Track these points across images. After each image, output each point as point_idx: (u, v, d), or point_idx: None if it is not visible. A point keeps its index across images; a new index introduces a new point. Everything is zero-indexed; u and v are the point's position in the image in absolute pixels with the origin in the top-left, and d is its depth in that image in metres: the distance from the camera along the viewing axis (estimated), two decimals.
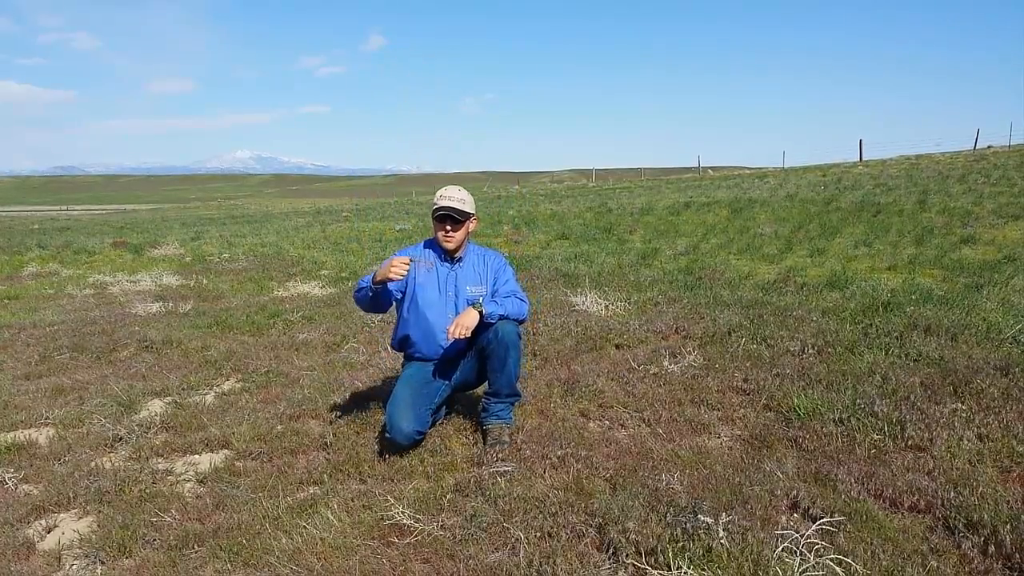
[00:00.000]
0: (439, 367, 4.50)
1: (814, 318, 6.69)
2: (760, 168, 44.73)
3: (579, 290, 8.55)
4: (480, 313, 4.12)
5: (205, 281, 11.75)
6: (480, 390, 4.73)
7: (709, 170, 49.88)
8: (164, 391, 5.72)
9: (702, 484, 3.62)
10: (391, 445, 4.19)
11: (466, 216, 4.37)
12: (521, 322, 4.35)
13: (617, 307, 7.78)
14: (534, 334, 6.76)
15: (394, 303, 4.48)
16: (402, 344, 4.60)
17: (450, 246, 4.39)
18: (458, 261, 4.48)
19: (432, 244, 4.54)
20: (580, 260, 11.55)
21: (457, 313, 4.41)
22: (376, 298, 4.27)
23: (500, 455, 4.08)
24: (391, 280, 4.10)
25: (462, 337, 4.06)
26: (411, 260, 4.17)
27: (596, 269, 10.62)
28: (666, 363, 5.63)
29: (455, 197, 4.37)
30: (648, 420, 4.57)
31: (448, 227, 4.36)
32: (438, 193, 4.41)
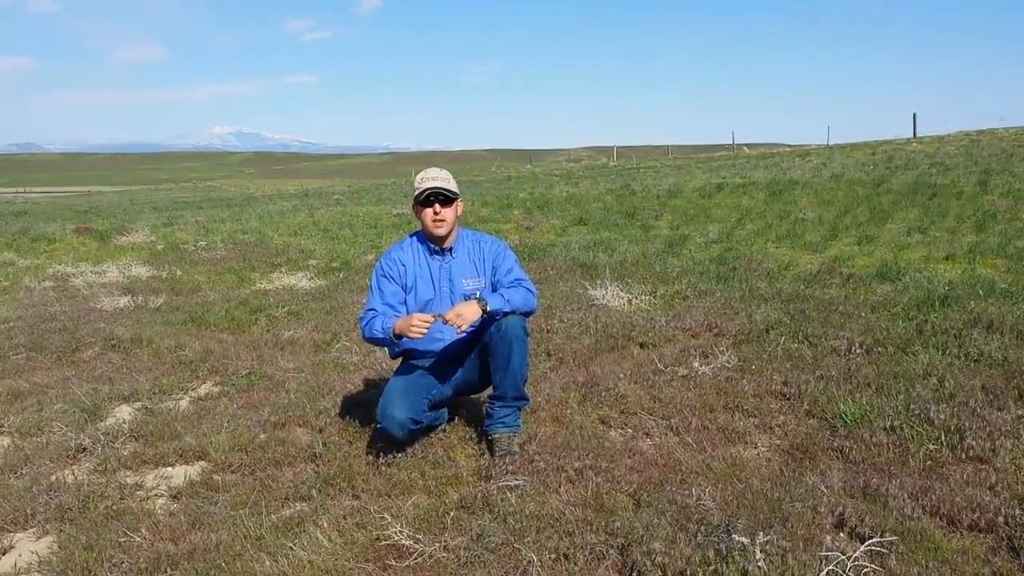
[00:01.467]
0: (438, 365, 4.53)
1: (862, 314, 6.67)
2: (802, 145, 44.54)
3: (599, 282, 8.54)
4: (484, 310, 4.13)
5: (179, 272, 11.79)
6: (486, 394, 4.73)
7: (744, 148, 49.72)
8: (133, 396, 5.74)
9: (737, 500, 3.62)
10: (383, 438, 4.22)
11: (454, 196, 4.42)
12: (529, 314, 4.36)
13: (641, 301, 7.77)
14: (548, 331, 6.76)
15: None
16: (402, 354, 4.64)
17: (441, 230, 4.42)
18: (449, 251, 4.51)
19: (419, 237, 4.57)
20: (600, 248, 11.54)
21: None
22: (392, 347, 4.51)
23: (510, 467, 4.08)
24: (410, 339, 4.20)
25: (460, 329, 4.13)
26: (435, 318, 4.20)
27: (618, 259, 10.61)
28: (696, 364, 5.61)
29: (439, 177, 4.42)
30: (676, 428, 4.57)
31: (438, 207, 4.38)
32: (418, 177, 4.46)
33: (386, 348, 4.99)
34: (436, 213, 4.39)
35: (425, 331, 4.12)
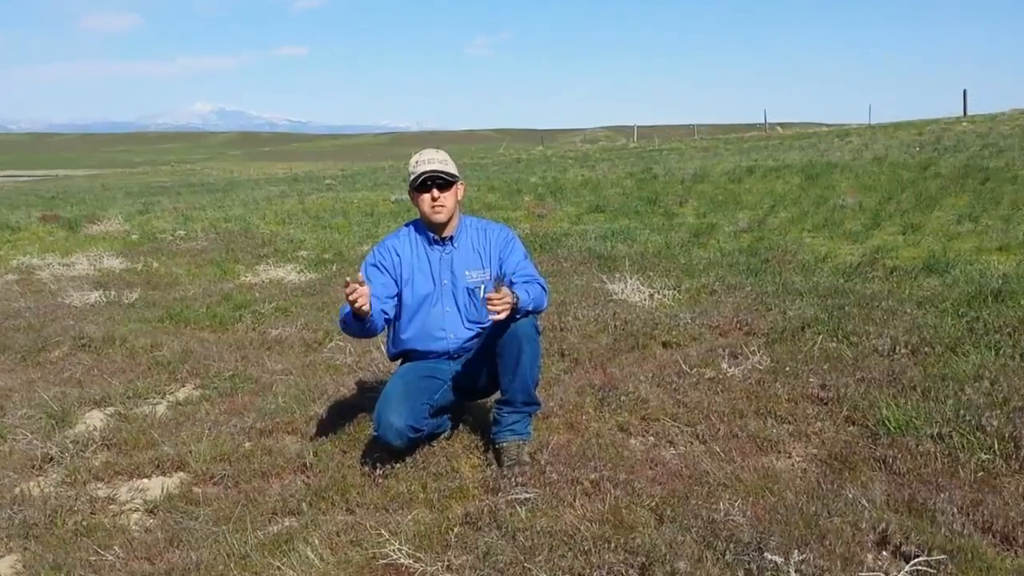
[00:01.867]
0: (441, 367, 4.53)
1: (907, 310, 6.65)
2: (841, 125, 44.41)
3: (617, 275, 8.52)
4: (513, 304, 3.98)
5: (155, 264, 11.80)
6: (493, 399, 4.73)
7: (778, 127, 49.60)
8: (105, 400, 5.75)
9: (769, 515, 3.61)
10: (380, 447, 4.22)
11: (454, 179, 4.40)
12: (541, 311, 4.37)
13: (664, 296, 7.77)
14: (562, 329, 6.76)
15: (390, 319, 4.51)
16: (400, 354, 4.64)
17: (441, 217, 4.40)
18: (450, 240, 4.50)
19: (417, 226, 4.56)
20: (619, 238, 11.52)
21: (456, 304, 4.46)
22: (362, 323, 4.20)
23: (520, 479, 4.07)
24: (356, 306, 3.98)
25: (499, 314, 3.91)
26: (360, 277, 4.02)
27: (638, 249, 10.60)
28: (724, 365, 5.61)
29: (436, 159, 4.39)
30: (702, 436, 4.56)
31: (436, 192, 4.36)
32: (413, 160, 4.44)
33: (383, 347, 4.98)
34: (434, 199, 4.37)
35: (357, 295, 3.91)
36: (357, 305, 3.97)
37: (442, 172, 4.35)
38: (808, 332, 6.23)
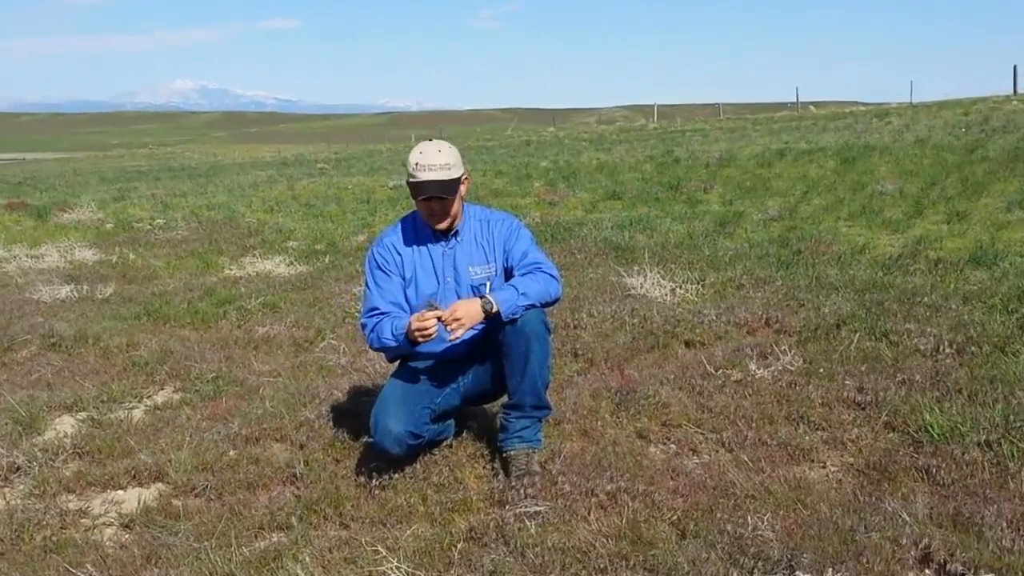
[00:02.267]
0: (444, 368, 4.52)
1: (952, 306, 6.64)
2: (880, 104, 44.36)
3: (636, 268, 8.54)
4: (488, 313, 4.08)
5: (132, 256, 11.84)
6: (500, 403, 4.72)
7: (811, 107, 49.57)
8: (77, 404, 5.77)
9: (801, 530, 3.61)
10: (377, 455, 4.24)
11: (456, 183, 4.33)
12: (550, 305, 4.35)
13: (687, 291, 7.77)
14: (575, 327, 6.76)
15: None
16: (400, 355, 4.64)
17: (443, 225, 4.40)
18: (454, 235, 4.48)
19: (416, 218, 4.53)
20: (637, 228, 11.53)
21: None
22: (408, 350, 4.39)
23: (529, 490, 4.08)
24: (427, 334, 4.10)
25: (454, 336, 4.07)
26: (431, 306, 4.16)
27: (659, 240, 10.60)
28: (753, 366, 5.61)
29: (436, 164, 4.26)
30: (728, 443, 4.56)
31: (435, 208, 4.33)
32: (411, 159, 4.31)
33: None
34: (433, 213, 4.34)
35: (433, 328, 4.07)
36: (423, 336, 4.08)
37: (440, 184, 4.25)
38: (844, 330, 6.23)
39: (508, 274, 4.41)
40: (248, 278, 10.05)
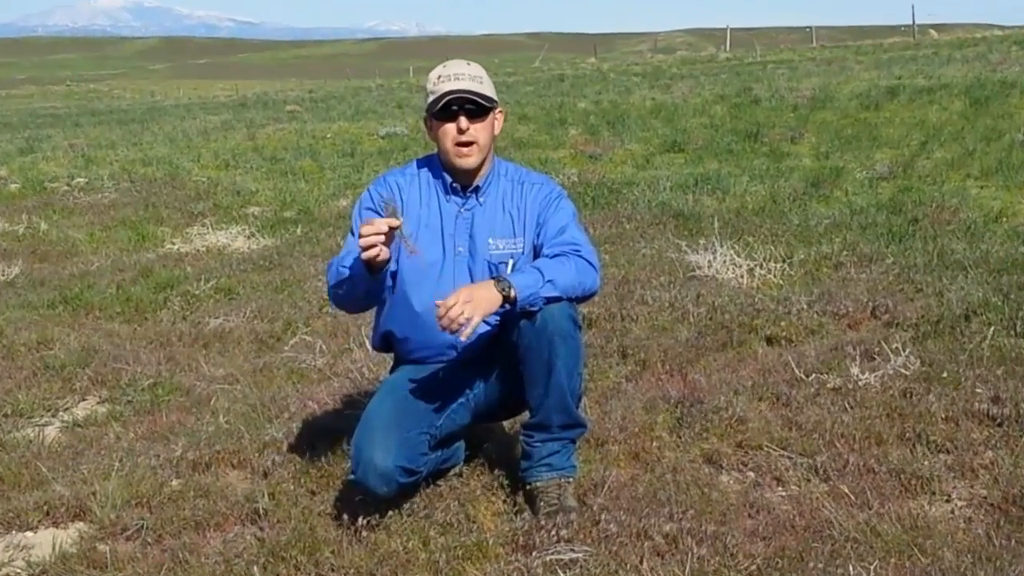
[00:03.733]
0: (448, 375, 4.48)
1: None
2: (1021, 27, 44.05)
3: (702, 242, 8.53)
4: (507, 298, 3.95)
5: (44, 226, 11.89)
6: (523, 418, 4.71)
7: (931, 31, 49.28)
8: None
9: None
10: (361, 494, 4.21)
11: (492, 104, 4.32)
12: (585, 299, 4.31)
13: (769, 272, 7.75)
14: (622, 318, 6.76)
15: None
16: (386, 340, 4.61)
17: (470, 160, 4.31)
18: (475, 192, 4.43)
19: (431, 165, 4.49)
20: (704, 189, 11.53)
21: (473, 283, 4.24)
22: (367, 286, 4.20)
23: (562, 531, 4.06)
24: (372, 254, 3.92)
25: (463, 329, 3.87)
26: (387, 204, 4.04)
27: (732, 205, 10.60)
28: (855, 370, 5.60)
29: (466, 73, 4.28)
30: (824, 470, 4.55)
31: (464, 121, 4.25)
32: (434, 74, 4.32)
33: (367, 337, 4.95)
34: (461, 130, 4.24)
35: (379, 241, 3.86)
36: (374, 253, 3.88)
37: (474, 93, 4.21)
38: (975, 323, 6.22)
39: (536, 254, 4.33)
40: (196, 254, 10.09)
